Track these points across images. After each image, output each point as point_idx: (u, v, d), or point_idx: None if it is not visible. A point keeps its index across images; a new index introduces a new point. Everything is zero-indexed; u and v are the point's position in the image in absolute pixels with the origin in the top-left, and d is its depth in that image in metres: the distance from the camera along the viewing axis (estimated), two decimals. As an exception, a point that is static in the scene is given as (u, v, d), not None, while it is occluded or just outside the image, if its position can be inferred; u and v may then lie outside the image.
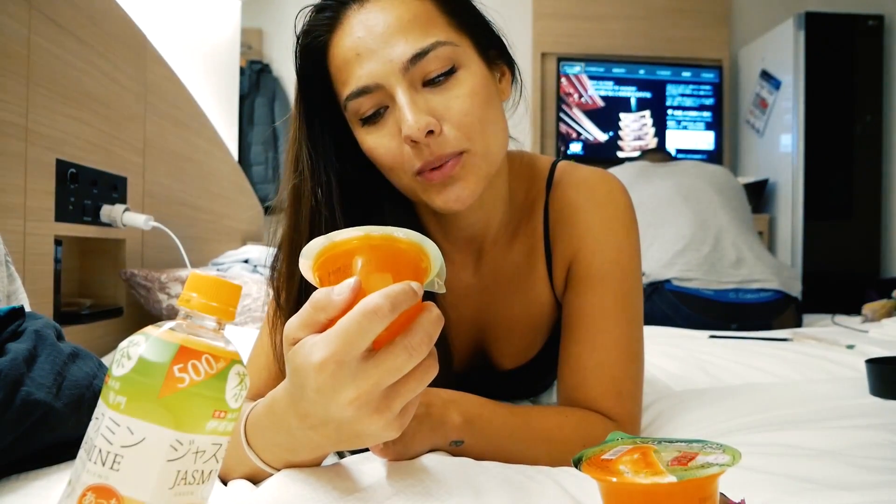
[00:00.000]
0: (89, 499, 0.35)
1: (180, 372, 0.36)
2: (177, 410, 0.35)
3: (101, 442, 0.35)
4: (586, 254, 0.72)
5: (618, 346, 0.69)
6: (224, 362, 0.37)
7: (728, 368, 1.21)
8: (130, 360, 0.36)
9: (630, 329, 0.71)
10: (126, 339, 0.38)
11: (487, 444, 0.60)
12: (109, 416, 0.35)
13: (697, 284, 2.01)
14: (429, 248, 0.44)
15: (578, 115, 3.74)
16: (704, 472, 0.35)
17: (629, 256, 0.72)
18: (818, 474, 0.54)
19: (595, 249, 0.72)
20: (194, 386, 0.36)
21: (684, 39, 3.80)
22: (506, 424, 0.62)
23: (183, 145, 1.92)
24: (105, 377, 0.38)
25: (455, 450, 0.59)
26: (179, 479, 0.36)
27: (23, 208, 1.11)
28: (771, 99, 3.51)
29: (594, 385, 0.69)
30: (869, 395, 0.86)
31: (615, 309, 0.70)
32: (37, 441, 0.54)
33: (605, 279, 0.71)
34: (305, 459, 0.50)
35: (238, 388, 0.38)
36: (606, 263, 0.71)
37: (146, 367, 0.36)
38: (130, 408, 0.35)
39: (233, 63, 2.87)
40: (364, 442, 0.44)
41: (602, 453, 0.41)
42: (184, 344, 0.36)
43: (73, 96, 1.27)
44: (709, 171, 2.34)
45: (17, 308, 0.62)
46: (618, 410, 0.69)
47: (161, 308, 1.54)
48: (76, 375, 0.59)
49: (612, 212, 0.73)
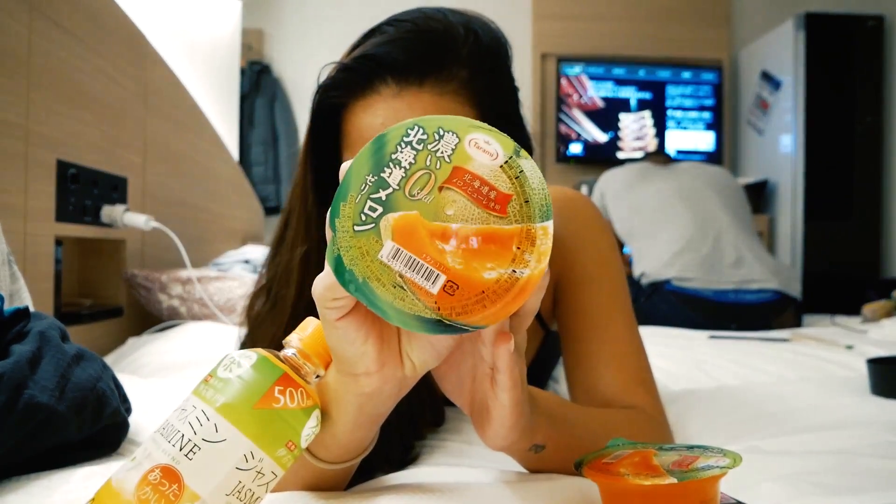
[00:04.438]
0: (156, 475, 0.36)
1: (279, 393, 0.38)
2: (262, 425, 0.38)
3: (185, 428, 0.37)
4: (571, 266, 0.72)
5: (625, 337, 0.69)
6: (312, 402, 0.41)
7: (727, 369, 1.21)
8: (240, 367, 0.39)
9: (630, 322, 0.71)
10: (238, 351, 0.41)
11: (567, 452, 0.52)
12: (202, 409, 0.37)
13: (697, 285, 2.01)
14: None
15: (578, 115, 3.75)
16: (705, 474, 0.35)
17: (610, 257, 0.73)
18: (818, 475, 0.55)
19: (577, 258, 0.72)
20: (285, 410, 0.39)
21: (684, 40, 3.80)
22: (587, 428, 0.55)
23: (183, 146, 1.92)
24: (206, 375, 0.40)
25: (531, 457, 0.50)
26: (237, 489, 0.37)
27: (23, 208, 1.11)
28: (771, 99, 3.52)
29: (614, 379, 0.66)
30: (869, 395, 0.87)
31: (613, 304, 0.70)
32: (39, 444, 0.54)
33: (595, 279, 0.71)
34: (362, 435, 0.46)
35: (312, 430, 0.41)
36: (591, 265, 0.72)
37: (252, 378, 0.38)
38: (224, 408, 0.37)
39: (233, 63, 2.87)
40: None
41: (603, 457, 0.41)
42: (288, 372, 0.40)
43: (73, 97, 1.27)
44: (709, 172, 2.35)
45: (22, 309, 0.62)
46: (648, 400, 0.66)
47: (161, 308, 1.54)
48: (80, 378, 0.58)
49: (583, 222, 0.75)
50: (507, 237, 0.34)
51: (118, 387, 0.66)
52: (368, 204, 0.34)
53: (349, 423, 0.44)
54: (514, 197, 0.34)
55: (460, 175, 0.34)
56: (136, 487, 0.36)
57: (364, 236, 0.34)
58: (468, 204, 0.34)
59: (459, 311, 0.34)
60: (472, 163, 0.34)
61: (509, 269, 0.34)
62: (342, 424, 0.45)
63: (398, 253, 0.34)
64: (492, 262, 0.34)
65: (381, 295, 0.34)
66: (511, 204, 0.34)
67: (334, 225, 0.35)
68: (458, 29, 0.59)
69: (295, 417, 0.39)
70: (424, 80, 0.57)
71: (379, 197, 0.34)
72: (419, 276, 0.34)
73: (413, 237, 0.34)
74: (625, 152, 3.74)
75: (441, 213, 0.34)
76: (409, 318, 0.34)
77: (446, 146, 0.34)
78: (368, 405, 0.43)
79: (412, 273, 0.34)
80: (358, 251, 0.34)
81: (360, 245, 0.34)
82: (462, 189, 0.34)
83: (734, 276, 2.02)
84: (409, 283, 0.34)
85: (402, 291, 0.34)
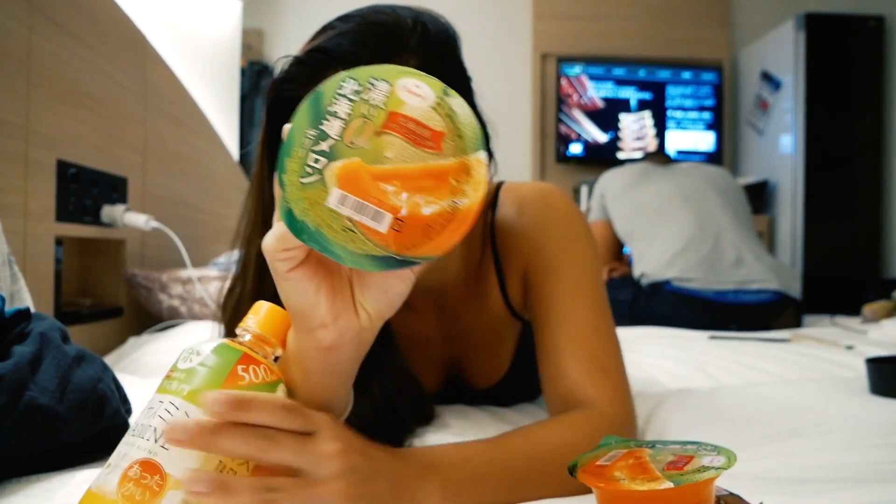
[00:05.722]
0: (135, 471, 0.37)
1: (242, 371, 0.40)
2: None
3: (157, 422, 0.38)
4: (538, 256, 0.73)
5: (588, 324, 0.69)
6: (276, 377, 0.42)
7: (727, 369, 1.21)
8: (199, 355, 0.40)
9: (597, 309, 0.70)
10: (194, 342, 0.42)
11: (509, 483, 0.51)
12: (170, 401, 0.39)
13: (697, 285, 2.01)
14: None
15: (578, 116, 3.74)
16: (701, 477, 0.35)
17: (577, 246, 0.73)
18: (818, 474, 0.55)
19: (543, 246, 0.73)
20: (251, 386, 0.40)
21: (684, 40, 3.80)
22: (504, 474, 0.52)
23: (183, 146, 1.92)
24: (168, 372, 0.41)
25: None
26: (218, 470, 0.38)
27: (23, 208, 1.11)
28: (771, 100, 3.51)
29: (573, 365, 0.66)
30: (868, 395, 0.87)
31: (576, 291, 0.70)
32: (39, 446, 0.54)
33: (560, 268, 0.72)
34: None
35: None
36: (559, 255, 0.72)
37: (214, 363, 0.40)
38: (192, 395, 0.39)
39: (233, 63, 2.87)
40: None
41: (597, 459, 0.41)
42: (247, 353, 0.41)
43: (73, 97, 1.27)
44: (709, 173, 2.35)
45: (24, 310, 0.62)
46: (608, 390, 0.64)
47: (162, 308, 1.54)
48: (80, 379, 0.58)
49: (552, 214, 0.75)
50: (444, 171, 0.36)
51: (118, 388, 0.66)
52: (312, 156, 0.36)
53: (315, 382, 0.46)
54: (446, 134, 0.37)
55: (395, 119, 0.36)
56: (119, 486, 0.36)
57: (311, 187, 0.36)
58: (405, 145, 0.36)
59: (408, 246, 0.36)
60: (404, 107, 0.37)
61: (449, 200, 0.36)
62: (309, 386, 0.46)
63: (345, 199, 0.36)
64: (432, 196, 0.36)
65: (334, 240, 0.36)
66: (445, 140, 0.37)
67: (282, 180, 0.36)
68: (405, 21, 0.61)
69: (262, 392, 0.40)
70: None
71: (321, 149, 0.36)
72: (367, 217, 0.36)
73: (357, 182, 0.36)
74: (625, 152, 3.74)
75: (381, 156, 0.36)
76: (361, 258, 0.37)
77: (379, 94, 0.37)
78: (330, 360, 0.45)
79: (360, 216, 0.36)
80: (307, 202, 0.36)
81: (309, 196, 0.36)
82: (398, 132, 0.36)
83: (734, 276, 2.02)
84: (359, 225, 0.36)
85: (353, 234, 0.36)
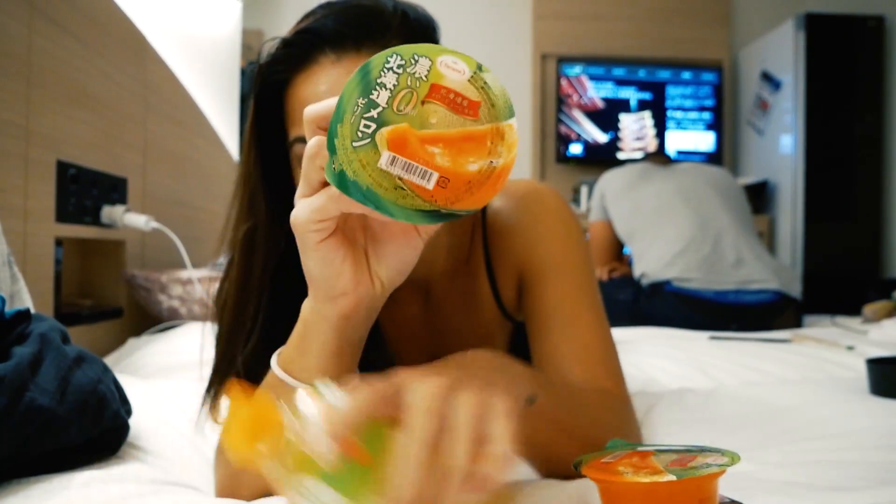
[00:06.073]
0: None
1: None
2: None
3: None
4: (532, 257, 0.73)
5: (591, 328, 0.69)
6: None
7: (727, 369, 1.21)
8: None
9: (597, 312, 0.71)
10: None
11: (556, 403, 0.54)
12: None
13: (697, 285, 2.01)
14: None
15: (578, 116, 3.75)
16: (704, 472, 0.35)
17: (575, 249, 0.73)
18: (818, 475, 0.55)
19: (539, 251, 0.72)
20: None
21: (684, 40, 3.80)
22: (565, 387, 0.59)
23: (183, 146, 1.92)
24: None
25: (526, 412, 0.46)
26: None
27: (23, 209, 1.11)
28: (771, 100, 3.52)
29: (582, 370, 0.66)
30: (868, 396, 0.87)
31: (578, 295, 0.70)
32: (39, 447, 0.54)
33: (559, 271, 0.71)
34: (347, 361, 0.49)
35: None
36: (555, 257, 0.72)
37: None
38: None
39: (233, 64, 2.87)
40: None
41: (602, 457, 0.41)
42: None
43: (73, 97, 1.27)
44: (709, 173, 2.35)
45: (24, 311, 0.62)
46: (620, 391, 0.67)
47: (161, 309, 1.54)
48: (81, 380, 0.58)
49: (545, 213, 0.75)
50: (482, 135, 0.40)
51: (119, 389, 0.66)
52: (363, 122, 0.40)
53: (330, 350, 0.49)
54: (482, 103, 0.41)
55: (437, 90, 0.40)
56: None
57: (363, 150, 0.40)
58: (447, 113, 0.40)
59: (453, 200, 0.40)
60: (445, 79, 0.40)
61: (487, 160, 0.40)
62: (324, 354, 0.49)
63: (395, 160, 0.40)
64: (472, 157, 0.40)
65: (385, 197, 0.40)
66: (481, 108, 0.41)
67: (333, 145, 0.40)
68: (386, 5, 0.63)
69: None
70: (361, 47, 0.61)
71: (371, 115, 0.40)
72: (415, 176, 0.40)
73: (406, 145, 0.40)
74: (625, 153, 3.74)
75: (426, 122, 0.40)
76: (411, 212, 0.40)
77: (422, 68, 0.40)
78: (347, 328, 0.48)
79: (409, 175, 0.40)
80: (359, 163, 0.40)
81: (361, 158, 0.39)
82: (440, 101, 0.40)
83: (735, 276, 2.02)
84: (408, 183, 0.40)
85: (403, 192, 0.40)
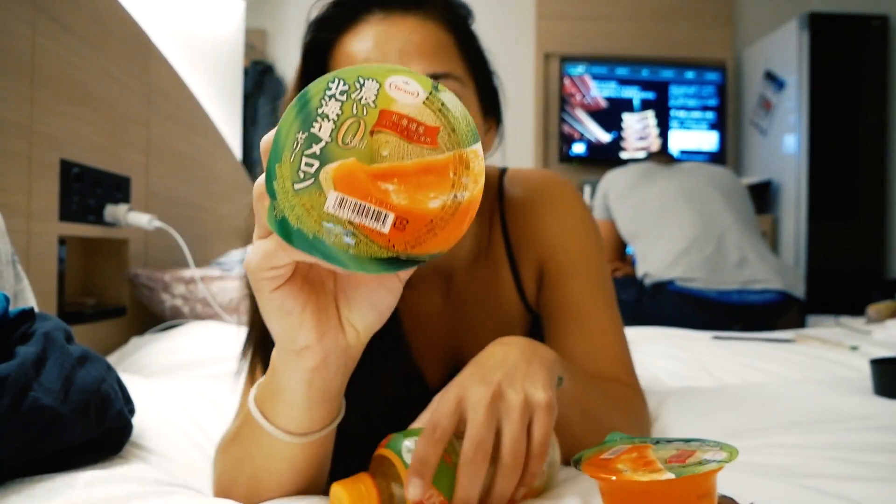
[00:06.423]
0: None
1: None
2: None
3: None
4: (555, 251, 0.73)
5: (609, 327, 0.71)
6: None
7: (731, 369, 1.21)
8: None
9: (614, 311, 0.73)
10: None
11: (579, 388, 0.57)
12: None
13: (700, 285, 2.01)
14: None
15: (581, 115, 3.74)
16: (702, 469, 0.35)
17: (593, 245, 0.75)
18: (821, 475, 0.54)
19: (561, 245, 0.73)
20: None
21: (688, 40, 3.80)
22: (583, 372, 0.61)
23: (186, 145, 1.93)
24: None
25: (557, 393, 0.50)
26: None
27: (27, 208, 1.12)
28: (775, 100, 3.51)
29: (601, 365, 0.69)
30: (872, 396, 0.86)
31: (597, 294, 0.72)
32: (43, 446, 0.54)
33: (579, 268, 0.72)
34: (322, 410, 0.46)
35: None
36: (575, 254, 0.73)
37: None
38: None
39: (236, 63, 2.88)
40: None
41: (601, 453, 0.41)
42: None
43: (76, 96, 1.28)
44: (712, 173, 2.34)
45: (28, 310, 0.62)
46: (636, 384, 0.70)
47: (164, 308, 1.54)
48: (84, 380, 0.58)
49: (567, 208, 0.75)
50: (443, 166, 0.35)
51: (122, 388, 0.66)
52: (304, 160, 0.35)
53: (302, 401, 0.45)
54: (441, 128, 0.35)
55: (388, 117, 0.35)
56: None
57: (306, 192, 0.34)
58: (400, 142, 0.35)
59: (413, 244, 0.35)
60: (396, 104, 0.35)
61: (451, 194, 0.35)
62: (297, 403, 0.45)
63: (343, 201, 0.35)
64: (434, 192, 0.35)
65: (335, 245, 0.35)
66: (440, 135, 0.36)
67: (272, 189, 0.35)
68: None
69: None
70: (408, 10, 0.62)
71: (313, 152, 0.35)
72: (368, 219, 0.35)
73: (355, 183, 0.35)
74: (628, 152, 3.74)
75: (377, 155, 0.35)
76: (366, 261, 0.35)
77: (369, 92, 0.35)
78: (316, 380, 0.43)
79: (361, 218, 0.35)
80: (302, 208, 0.34)
81: (304, 202, 0.34)
82: (392, 129, 0.35)
83: (738, 276, 2.02)
84: (360, 227, 0.35)
85: (355, 238, 0.35)
